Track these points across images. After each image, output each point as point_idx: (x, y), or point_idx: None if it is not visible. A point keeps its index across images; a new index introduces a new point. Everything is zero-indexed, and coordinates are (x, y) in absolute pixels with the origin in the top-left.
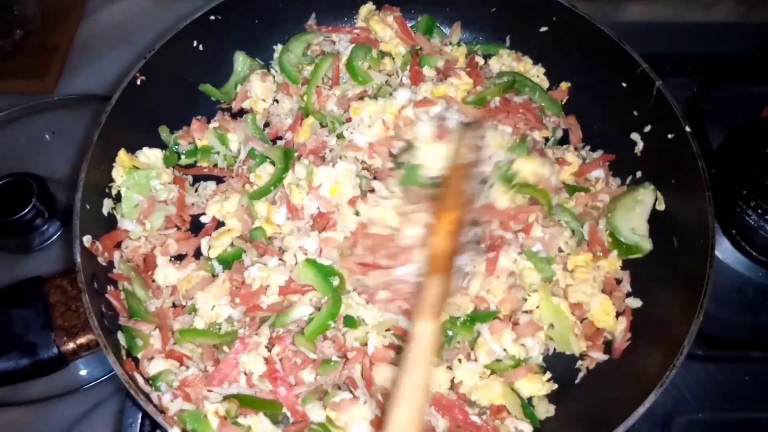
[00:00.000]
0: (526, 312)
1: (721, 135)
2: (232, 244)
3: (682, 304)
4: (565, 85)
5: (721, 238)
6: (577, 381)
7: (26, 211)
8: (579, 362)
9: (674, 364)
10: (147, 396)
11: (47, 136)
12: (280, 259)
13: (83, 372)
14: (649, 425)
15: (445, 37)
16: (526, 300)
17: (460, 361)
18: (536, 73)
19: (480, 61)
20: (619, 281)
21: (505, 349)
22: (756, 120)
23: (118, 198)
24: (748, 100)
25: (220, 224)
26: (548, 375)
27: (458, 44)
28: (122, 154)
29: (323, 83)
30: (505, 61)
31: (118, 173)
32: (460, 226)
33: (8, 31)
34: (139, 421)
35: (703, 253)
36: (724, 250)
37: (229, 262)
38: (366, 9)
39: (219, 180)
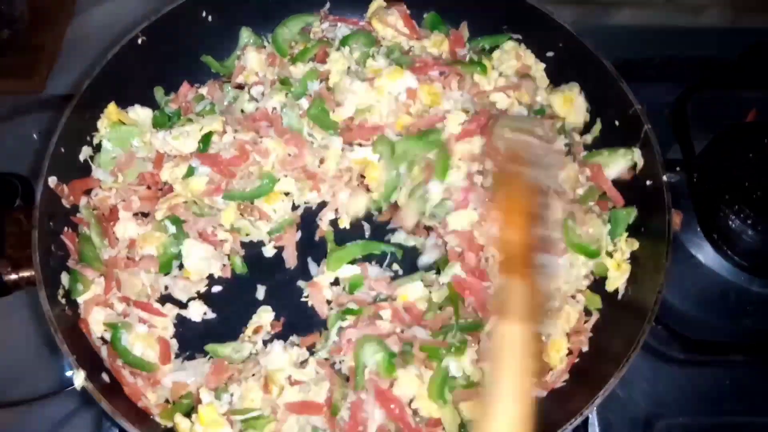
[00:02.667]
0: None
1: (705, 139)
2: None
3: (615, 358)
4: None
5: (703, 243)
6: None
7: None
8: None
9: (581, 413)
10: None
11: (35, 136)
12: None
13: (68, 373)
14: (629, 429)
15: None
16: None
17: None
18: (536, 70)
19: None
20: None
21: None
22: (740, 124)
23: (98, 148)
24: (733, 105)
25: None
26: None
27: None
28: (112, 107)
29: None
30: (504, 58)
31: (103, 124)
32: (532, 220)
33: None
34: None
35: (644, 312)
36: (707, 255)
37: (180, 223)
38: (375, 4)
39: None
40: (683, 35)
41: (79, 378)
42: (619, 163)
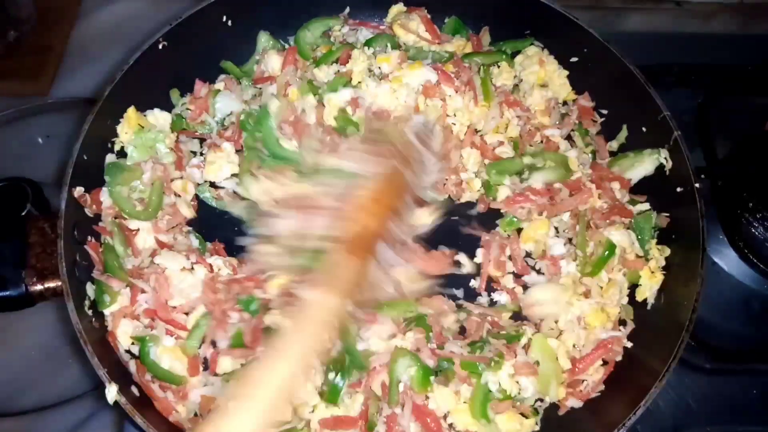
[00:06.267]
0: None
1: (728, 145)
2: None
3: (651, 368)
4: None
5: (727, 250)
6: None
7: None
8: (538, 402)
9: (623, 425)
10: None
11: (40, 140)
12: None
13: (80, 381)
14: None
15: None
16: None
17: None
18: (558, 76)
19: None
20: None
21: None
22: (762, 131)
23: (120, 154)
24: (755, 112)
25: None
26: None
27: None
28: (131, 111)
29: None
30: (526, 63)
31: (123, 130)
32: (393, 215)
33: (2, 32)
34: None
35: (679, 322)
36: (730, 262)
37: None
38: (396, 9)
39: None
40: (693, 41)
41: (111, 392)
42: (645, 164)
